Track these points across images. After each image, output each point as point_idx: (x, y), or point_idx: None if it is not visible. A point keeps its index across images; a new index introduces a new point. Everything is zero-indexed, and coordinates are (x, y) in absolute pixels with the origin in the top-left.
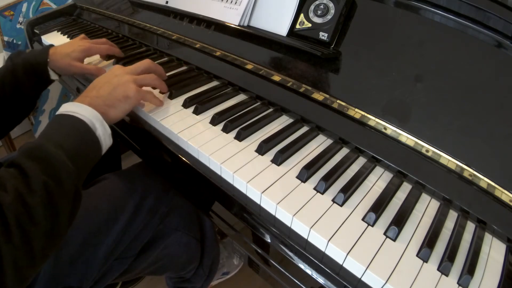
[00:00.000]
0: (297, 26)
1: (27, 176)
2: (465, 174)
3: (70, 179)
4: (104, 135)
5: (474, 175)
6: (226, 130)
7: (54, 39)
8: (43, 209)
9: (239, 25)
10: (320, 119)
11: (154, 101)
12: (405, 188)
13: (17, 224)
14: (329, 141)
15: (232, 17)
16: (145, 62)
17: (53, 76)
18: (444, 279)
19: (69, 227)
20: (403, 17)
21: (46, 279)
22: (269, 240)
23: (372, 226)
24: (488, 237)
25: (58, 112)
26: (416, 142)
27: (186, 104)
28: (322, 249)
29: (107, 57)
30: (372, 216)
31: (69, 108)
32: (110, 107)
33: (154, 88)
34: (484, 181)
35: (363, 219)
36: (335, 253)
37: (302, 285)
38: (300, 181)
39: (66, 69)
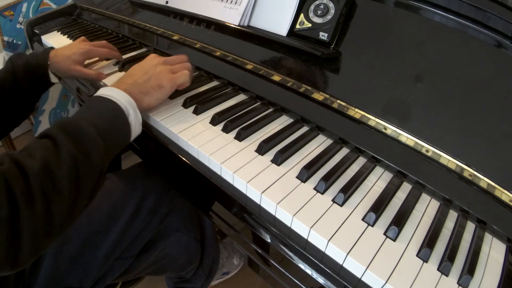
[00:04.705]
0: (297, 26)
1: (58, 148)
2: (465, 174)
3: (98, 156)
4: (135, 122)
5: (474, 175)
6: (226, 130)
7: (54, 39)
8: (69, 181)
9: (239, 25)
10: (320, 119)
11: (189, 80)
12: (405, 188)
13: (42, 192)
14: (329, 141)
15: (232, 17)
16: (182, 56)
17: (54, 79)
18: (444, 279)
19: (87, 205)
20: (403, 17)
21: (46, 279)
22: (269, 240)
23: (372, 226)
24: (488, 237)
25: (95, 94)
26: (416, 142)
27: (186, 104)
28: (322, 249)
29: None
30: (372, 216)
31: (106, 91)
32: (145, 95)
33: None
34: (484, 181)
35: (363, 219)
36: (335, 253)
37: (302, 285)
38: (300, 181)
39: (67, 72)
